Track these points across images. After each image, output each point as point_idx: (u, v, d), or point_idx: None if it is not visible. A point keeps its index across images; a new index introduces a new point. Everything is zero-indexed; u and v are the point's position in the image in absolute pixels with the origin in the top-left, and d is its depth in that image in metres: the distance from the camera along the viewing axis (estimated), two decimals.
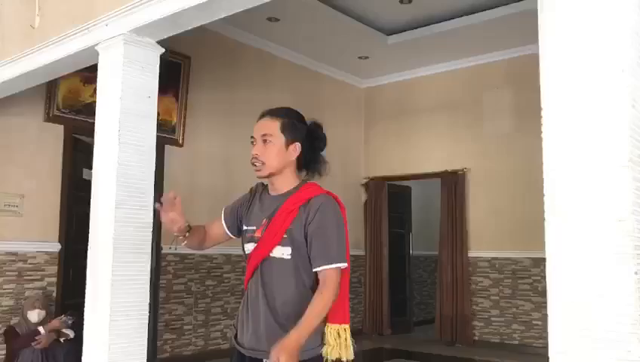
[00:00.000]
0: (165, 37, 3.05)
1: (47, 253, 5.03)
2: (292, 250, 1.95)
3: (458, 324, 7.20)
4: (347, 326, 1.99)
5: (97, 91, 3.06)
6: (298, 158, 2.07)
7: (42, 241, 5.02)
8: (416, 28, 6.80)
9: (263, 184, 2.17)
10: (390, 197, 8.25)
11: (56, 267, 5.05)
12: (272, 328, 1.94)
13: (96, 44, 3.06)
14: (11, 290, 4.83)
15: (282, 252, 1.96)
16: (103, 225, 2.89)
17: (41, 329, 4.47)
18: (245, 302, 2.06)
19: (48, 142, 5.13)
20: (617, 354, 1.45)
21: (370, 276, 8.09)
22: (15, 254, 4.87)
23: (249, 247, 2.05)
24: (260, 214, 2.06)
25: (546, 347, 1.56)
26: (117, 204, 2.85)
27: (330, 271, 1.92)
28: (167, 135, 6.01)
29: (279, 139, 2.02)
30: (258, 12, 6.21)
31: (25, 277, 4.89)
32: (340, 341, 1.96)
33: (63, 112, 5.18)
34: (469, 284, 7.25)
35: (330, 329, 1.95)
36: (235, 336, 2.08)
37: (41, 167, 5.07)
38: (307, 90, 7.54)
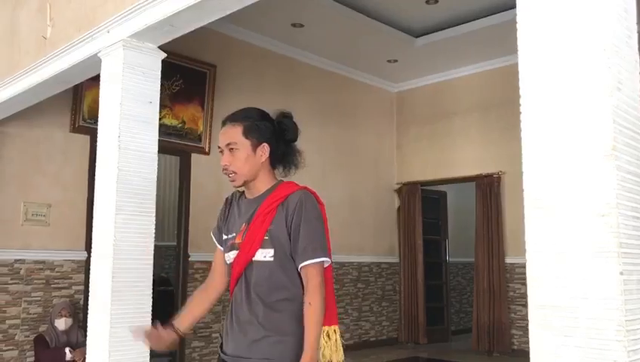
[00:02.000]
0: (165, 41, 3.02)
1: (73, 261, 5.11)
2: (274, 251, 1.88)
3: (496, 333, 6.94)
4: (336, 328, 1.90)
5: (100, 97, 3.07)
6: (270, 157, 1.98)
7: (69, 250, 5.10)
8: (444, 29, 6.64)
9: (239, 191, 2.09)
10: (424, 203, 8.06)
11: (82, 275, 5.11)
12: (257, 334, 1.86)
13: (99, 51, 3.07)
14: (39, 298, 4.93)
15: (264, 254, 1.89)
16: (103, 230, 2.88)
17: (67, 351, 4.53)
18: (230, 310, 1.99)
19: (74, 152, 5.22)
20: None
21: (405, 284, 7.91)
22: (43, 262, 4.97)
23: (231, 256, 1.98)
24: (239, 220, 1.99)
25: None
26: (117, 209, 2.84)
27: (311, 268, 1.85)
28: (193, 143, 6.05)
29: (244, 144, 1.94)
30: (282, 18, 6.23)
31: (52, 285, 4.98)
32: (330, 343, 1.86)
33: (89, 123, 5.27)
34: (507, 291, 6.98)
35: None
36: (221, 346, 2.02)
37: (67, 176, 5.17)
38: (336, 95, 7.47)
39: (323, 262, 1.87)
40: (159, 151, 7.18)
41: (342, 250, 7.31)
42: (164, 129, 5.82)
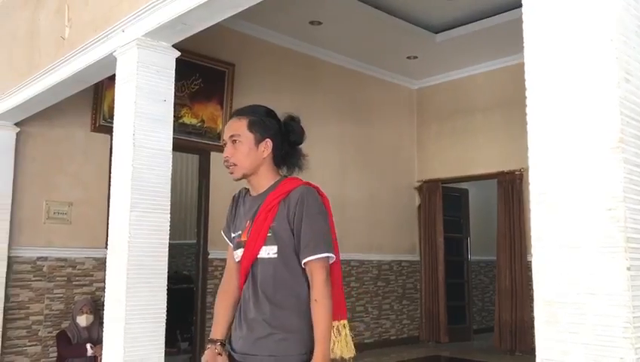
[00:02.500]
0: (179, 40, 3.04)
1: (95, 258, 5.18)
2: (277, 248, 1.88)
3: (518, 332, 6.86)
4: (346, 322, 1.90)
5: (115, 96, 3.10)
6: (273, 155, 1.98)
7: (90, 248, 5.17)
8: (464, 24, 6.57)
9: (245, 188, 2.10)
10: (445, 201, 7.99)
11: (103, 272, 5.14)
12: (263, 332, 1.87)
13: (115, 51, 3.10)
14: (61, 295, 5.01)
15: (268, 251, 1.89)
16: (118, 227, 2.91)
17: (88, 347, 4.60)
18: (239, 307, 2.00)
19: (95, 151, 5.30)
20: None
21: (425, 282, 7.86)
22: (65, 260, 5.05)
23: (238, 254, 1.99)
24: (244, 218, 2.00)
25: None
26: (132, 206, 2.86)
27: (315, 264, 1.84)
28: (212, 142, 6.09)
29: (248, 138, 1.95)
30: (300, 16, 6.23)
31: (74, 283, 5.05)
32: (340, 338, 1.86)
33: (109, 122, 5.32)
34: (529, 290, 6.88)
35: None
36: (230, 341, 2.03)
37: (88, 175, 5.24)
38: (355, 93, 7.45)
39: (327, 257, 1.85)
40: (179, 150, 7.25)
41: (361, 249, 7.30)
42: (183, 128, 5.88)
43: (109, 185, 5.25)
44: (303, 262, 1.86)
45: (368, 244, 7.40)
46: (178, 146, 5.86)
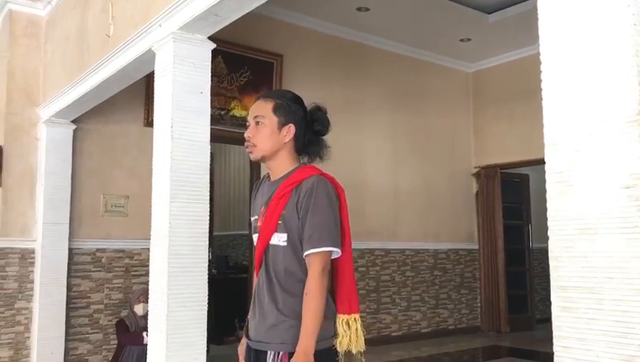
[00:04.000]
0: (214, 32, 3.06)
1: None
2: (287, 236, 1.86)
3: None
4: (357, 316, 1.86)
5: (154, 90, 3.17)
6: (295, 141, 1.96)
7: (146, 239, 5.24)
8: (518, 3, 6.32)
9: (268, 173, 2.10)
10: (504, 187, 7.75)
11: None
12: (275, 319, 1.86)
13: (153, 45, 3.17)
14: (120, 285, 5.21)
15: (279, 239, 1.88)
16: (160, 218, 2.99)
17: (145, 335, 4.76)
18: (254, 294, 2.01)
19: (148, 145, 5.37)
20: (628, 350, 1.19)
21: (484, 271, 7.68)
22: (122, 251, 5.24)
23: (255, 239, 1.99)
24: (260, 202, 2.01)
25: None
26: (171, 197, 2.93)
27: (313, 257, 1.80)
28: None
29: (271, 120, 1.94)
30: (346, 3, 6.17)
31: (132, 273, 5.24)
32: (349, 332, 1.83)
33: None
34: None
35: (340, 320, 1.84)
36: (246, 330, 2.04)
37: (142, 169, 5.39)
38: (407, 78, 7.32)
39: (330, 252, 1.81)
40: (231, 142, 7.35)
41: (417, 237, 7.20)
42: (234, 120, 5.97)
43: None
44: (304, 255, 1.83)
45: (424, 233, 7.29)
46: (230, 139, 6.02)
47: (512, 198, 7.94)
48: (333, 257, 1.85)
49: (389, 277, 6.89)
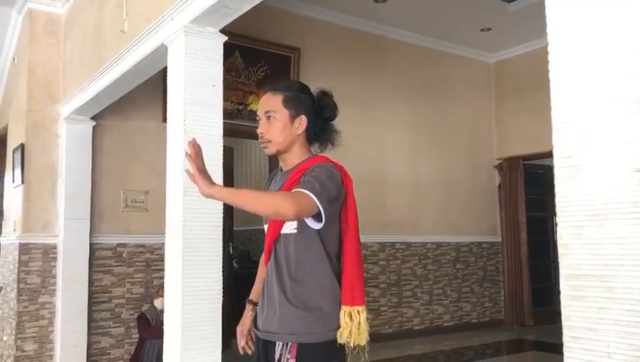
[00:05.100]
0: (225, 24, 3.05)
1: None
2: (297, 222, 1.84)
3: None
4: (361, 308, 1.82)
5: (167, 84, 3.18)
6: (307, 131, 1.95)
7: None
8: None
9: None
10: (527, 178, 7.62)
11: None
12: (284, 310, 1.85)
13: (165, 40, 3.17)
14: (141, 279, 5.25)
15: (290, 227, 1.87)
16: (174, 212, 2.99)
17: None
18: (264, 285, 2.00)
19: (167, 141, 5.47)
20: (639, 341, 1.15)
21: (508, 263, 7.57)
22: (143, 246, 5.29)
23: (265, 229, 1.98)
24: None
25: None
26: (185, 191, 2.92)
27: (303, 192, 1.71)
28: None
29: (283, 114, 1.92)
30: None
31: (152, 267, 5.28)
32: (352, 324, 1.80)
33: None
34: None
35: (342, 311, 1.81)
36: (255, 321, 2.03)
37: (161, 165, 5.36)
38: (427, 70, 7.23)
39: (315, 200, 1.70)
40: (250, 137, 7.33)
41: (438, 231, 7.13)
42: (252, 115, 5.96)
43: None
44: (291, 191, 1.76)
45: (445, 226, 7.21)
46: (248, 133, 6.01)
47: (535, 190, 7.80)
48: (314, 226, 1.78)
49: (410, 270, 6.84)
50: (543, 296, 7.71)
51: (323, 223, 1.75)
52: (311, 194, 1.70)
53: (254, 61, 5.95)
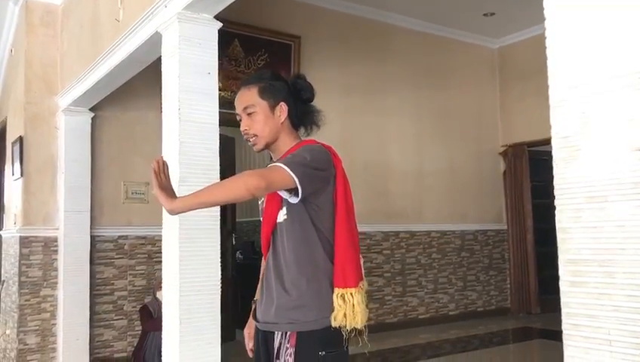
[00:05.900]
0: (219, 10, 2.99)
1: None
2: (287, 209, 1.81)
3: None
4: (354, 291, 1.76)
5: (162, 72, 3.12)
6: (290, 117, 1.90)
7: None
8: None
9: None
10: (533, 165, 7.53)
11: None
12: (282, 300, 1.81)
13: (159, 27, 3.12)
14: (143, 271, 5.23)
15: (283, 215, 1.83)
16: None
17: None
18: (262, 276, 1.96)
19: None
20: None
21: (513, 251, 7.50)
22: (144, 238, 5.26)
23: (262, 221, 1.94)
24: None
25: None
26: (180, 180, 2.88)
27: (273, 165, 1.71)
28: None
29: (262, 105, 1.87)
30: None
31: (154, 259, 5.25)
32: (344, 306, 1.75)
33: None
34: None
35: (335, 294, 1.77)
36: (254, 312, 1.99)
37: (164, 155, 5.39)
38: (430, 56, 7.14)
39: (289, 172, 1.67)
40: None
41: (443, 219, 7.07)
42: None
43: None
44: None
45: (450, 214, 7.15)
46: None
47: (541, 176, 7.69)
48: (293, 201, 1.76)
49: (414, 259, 6.79)
50: (550, 284, 7.61)
51: (301, 194, 1.71)
52: (283, 166, 1.68)
53: (254, 50, 5.89)
